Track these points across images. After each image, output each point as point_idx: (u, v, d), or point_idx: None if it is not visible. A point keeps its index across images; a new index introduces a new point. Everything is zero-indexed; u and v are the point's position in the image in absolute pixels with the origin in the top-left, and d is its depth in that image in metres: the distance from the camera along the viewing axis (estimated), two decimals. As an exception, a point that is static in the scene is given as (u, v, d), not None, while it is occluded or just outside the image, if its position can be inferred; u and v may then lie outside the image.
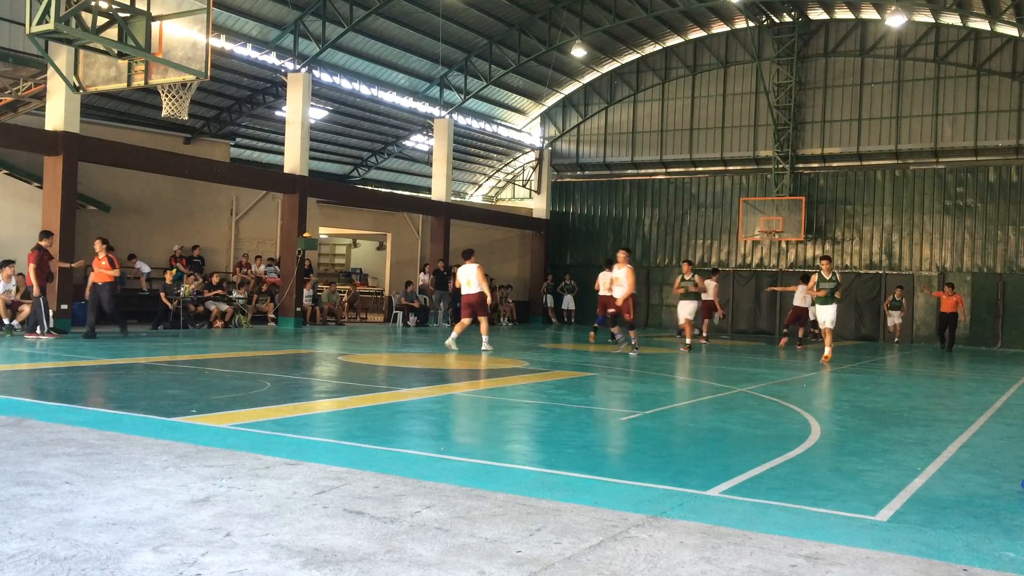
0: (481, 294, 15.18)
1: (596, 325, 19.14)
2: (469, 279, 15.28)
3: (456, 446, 6.14)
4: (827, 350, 15.51)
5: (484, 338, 15.27)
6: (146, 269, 20.69)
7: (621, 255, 15.87)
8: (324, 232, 29.03)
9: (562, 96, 31.61)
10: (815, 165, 27.69)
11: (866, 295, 26.12)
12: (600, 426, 7.35)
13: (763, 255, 27.88)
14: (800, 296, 20.47)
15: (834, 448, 6.46)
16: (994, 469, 5.90)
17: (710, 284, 21.49)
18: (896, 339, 24.49)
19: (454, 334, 15.29)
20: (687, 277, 18.21)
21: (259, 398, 8.20)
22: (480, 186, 34.97)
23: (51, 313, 15.39)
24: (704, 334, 21.29)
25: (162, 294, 18.88)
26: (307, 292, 22.48)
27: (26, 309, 16.02)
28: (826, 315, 15.75)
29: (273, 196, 24.01)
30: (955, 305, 21.61)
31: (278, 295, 21.76)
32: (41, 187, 17.17)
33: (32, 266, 14.79)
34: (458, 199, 31.60)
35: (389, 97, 25.15)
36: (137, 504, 4.15)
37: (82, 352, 12.54)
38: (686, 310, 18.20)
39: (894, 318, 24.35)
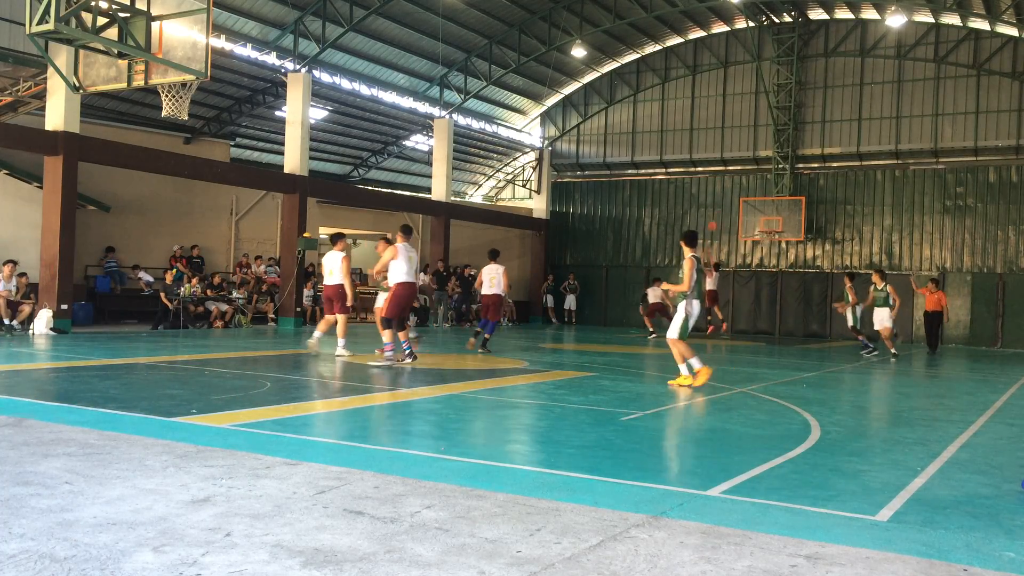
0: (341, 287, 13.10)
1: (478, 329, 15.47)
2: (332, 268, 13.19)
3: (456, 446, 6.14)
4: (682, 369, 10.26)
5: (340, 340, 12.99)
6: (149, 279, 20.62)
7: (384, 243, 12.75)
8: (324, 232, 29.02)
9: (562, 96, 31.61)
10: (815, 165, 27.69)
11: (866, 295, 26.07)
12: (600, 426, 7.34)
13: (763, 255, 27.88)
14: (653, 294, 22.94)
15: (834, 448, 6.45)
16: (994, 469, 5.90)
17: (656, 291, 22.69)
18: (893, 351, 17.64)
19: (317, 332, 13.32)
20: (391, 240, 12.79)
21: (259, 398, 8.20)
22: (480, 186, 34.97)
23: None
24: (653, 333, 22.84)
25: (162, 294, 18.89)
26: (307, 292, 22.49)
27: (26, 309, 16.04)
28: (672, 324, 10.33)
29: (273, 196, 24.00)
30: (938, 303, 19.49)
31: (278, 295, 21.76)
32: (41, 187, 17.17)
33: None
34: (458, 199, 31.60)
35: (389, 97, 25.15)
36: (137, 504, 4.15)
37: (82, 352, 12.54)
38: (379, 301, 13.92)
39: (882, 319, 17.75)
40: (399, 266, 11.72)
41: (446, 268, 25.25)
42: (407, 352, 11.83)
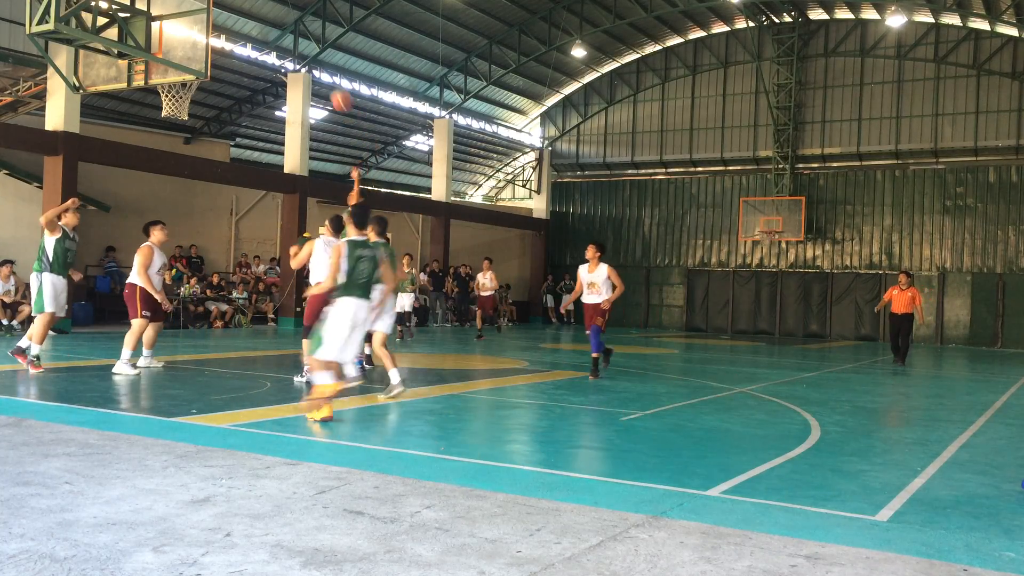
0: (133, 286, 10.36)
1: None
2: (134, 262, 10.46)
3: (456, 446, 6.14)
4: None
5: (124, 351, 9.92)
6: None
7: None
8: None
9: (562, 96, 31.60)
10: (815, 165, 27.69)
11: (866, 295, 26.12)
12: (600, 426, 7.35)
13: (763, 255, 27.87)
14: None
15: (834, 448, 6.45)
16: (994, 469, 5.90)
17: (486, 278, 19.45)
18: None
19: (126, 350, 9.94)
20: None
21: (259, 398, 8.20)
22: (480, 186, 34.97)
23: None
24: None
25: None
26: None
27: (26, 309, 16.02)
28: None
29: (273, 196, 24.00)
30: (909, 303, 15.56)
31: (278, 295, 21.76)
32: (41, 187, 17.17)
33: None
34: (458, 199, 31.60)
35: (389, 97, 25.15)
36: (137, 504, 4.15)
37: (82, 352, 12.54)
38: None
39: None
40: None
41: (442, 268, 25.25)
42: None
